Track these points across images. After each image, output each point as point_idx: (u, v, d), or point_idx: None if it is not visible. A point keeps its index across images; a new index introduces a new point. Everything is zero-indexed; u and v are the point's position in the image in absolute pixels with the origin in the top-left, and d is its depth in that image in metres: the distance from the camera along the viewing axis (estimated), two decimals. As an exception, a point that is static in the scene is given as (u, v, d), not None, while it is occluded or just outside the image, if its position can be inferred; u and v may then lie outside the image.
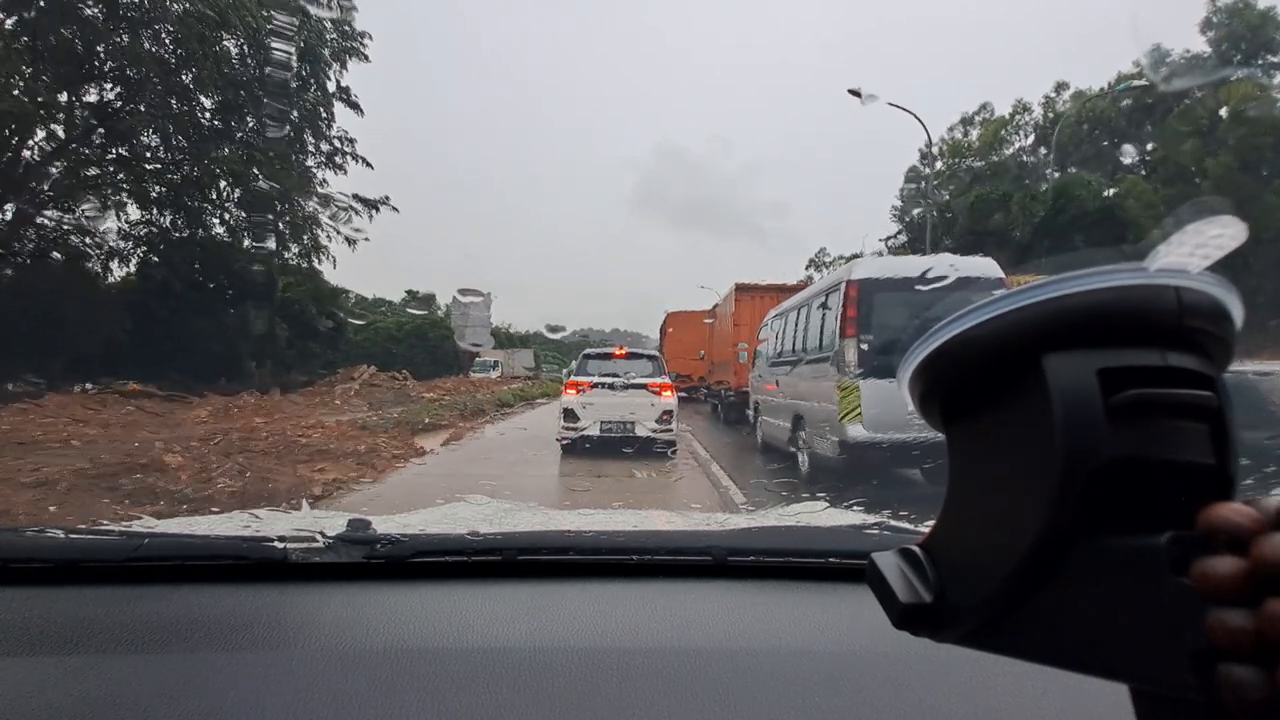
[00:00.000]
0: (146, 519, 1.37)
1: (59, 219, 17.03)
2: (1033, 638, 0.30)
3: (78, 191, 16.44)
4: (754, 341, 10.84)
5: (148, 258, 19.65)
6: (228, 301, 21.38)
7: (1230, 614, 0.24)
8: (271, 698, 0.70)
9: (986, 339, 0.31)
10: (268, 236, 19.30)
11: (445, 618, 0.87)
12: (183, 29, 14.30)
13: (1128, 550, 0.28)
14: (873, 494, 4.96)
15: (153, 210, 18.65)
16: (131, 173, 17.20)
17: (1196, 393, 0.30)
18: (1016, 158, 31.95)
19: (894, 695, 0.74)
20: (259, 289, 22.87)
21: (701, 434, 11.68)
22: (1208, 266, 0.30)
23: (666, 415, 8.64)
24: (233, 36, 15.52)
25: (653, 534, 1.17)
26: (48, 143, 15.85)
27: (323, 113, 19.03)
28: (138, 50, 14.73)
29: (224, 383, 19.57)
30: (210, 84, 15.29)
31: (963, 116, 34.50)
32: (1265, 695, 0.23)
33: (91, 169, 16.64)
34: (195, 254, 19.78)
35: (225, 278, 20.77)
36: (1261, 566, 0.24)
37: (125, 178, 17.18)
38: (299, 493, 5.24)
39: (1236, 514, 0.25)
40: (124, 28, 14.98)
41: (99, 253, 18.16)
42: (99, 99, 16.04)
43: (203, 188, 17.08)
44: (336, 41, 18.55)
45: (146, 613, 0.86)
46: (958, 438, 0.34)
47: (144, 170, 17.20)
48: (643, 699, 0.71)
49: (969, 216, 23.98)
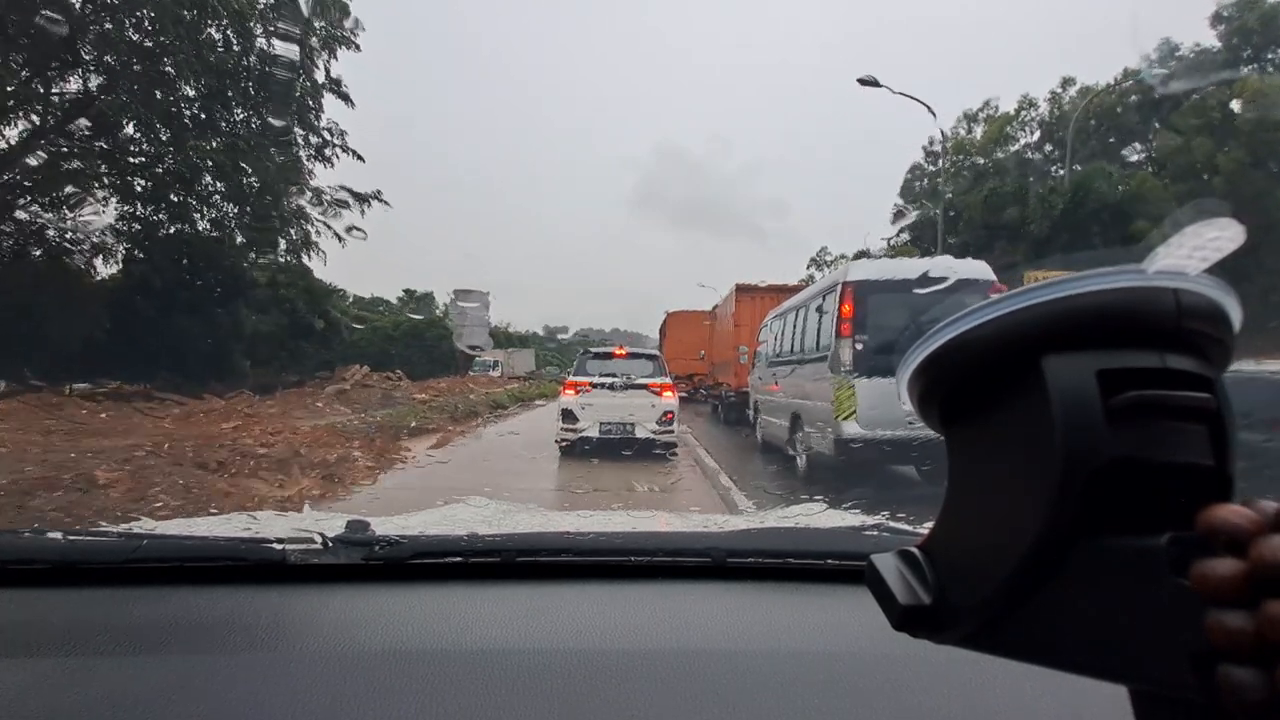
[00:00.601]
0: (145, 520, 1.34)
1: (36, 213, 16.42)
2: (1032, 639, 0.31)
3: (56, 184, 15.79)
4: (754, 342, 10.82)
5: (131, 254, 18.81)
6: (216, 300, 20.64)
7: (1229, 615, 0.24)
8: (270, 699, 0.70)
9: (986, 340, 0.31)
10: (255, 231, 18.62)
11: (444, 619, 0.87)
12: (162, 13, 13.65)
13: (1127, 551, 0.28)
14: (872, 495, 4.88)
15: (136, 204, 17.94)
16: (114, 166, 16.52)
17: (1195, 394, 0.30)
18: (1021, 154, 31.28)
19: (893, 697, 0.74)
20: (248, 287, 22.23)
21: (702, 435, 11.52)
22: (1214, 265, 0.30)
23: (668, 416, 8.45)
24: (215, 22, 14.89)
25: (652, 535, 1.17)
26: (25, 133, 15.22)
27: (311, 103, 18.34)
28: (117, 36, 14.11)
29: (213, 384, 19.04)
30: (191, 71, 14.54)
31: (966, 113, 33.79)
32: (1265, 696, 0.23)
33: (72, 162, 15.97)
34: (182, 250, 19.03)
35: (213, 275, 20.04)
36: (1260, 568, 0.24)
37: (106, 170, 16.46)
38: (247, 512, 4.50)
39: (1235, 515, 0.25)
40: (103, 14, 14.36)
41: (80, 248, 17.49)
42: (79, 88, 15.38)
43: (186, 180, 16.24)
44: (326, 29, 17.90)
45: (145, 614, 0.86)
46: (957, 439, 0.34)
47: (126, 163, 16.49)
48: (642, 700, 0.71)
49: (982, 211, 23.22)
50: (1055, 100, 30.05)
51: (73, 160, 15.82)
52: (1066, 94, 29.53)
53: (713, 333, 16.07)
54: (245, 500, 5.37)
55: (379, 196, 20.13)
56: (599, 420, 8.37)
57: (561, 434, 8.51)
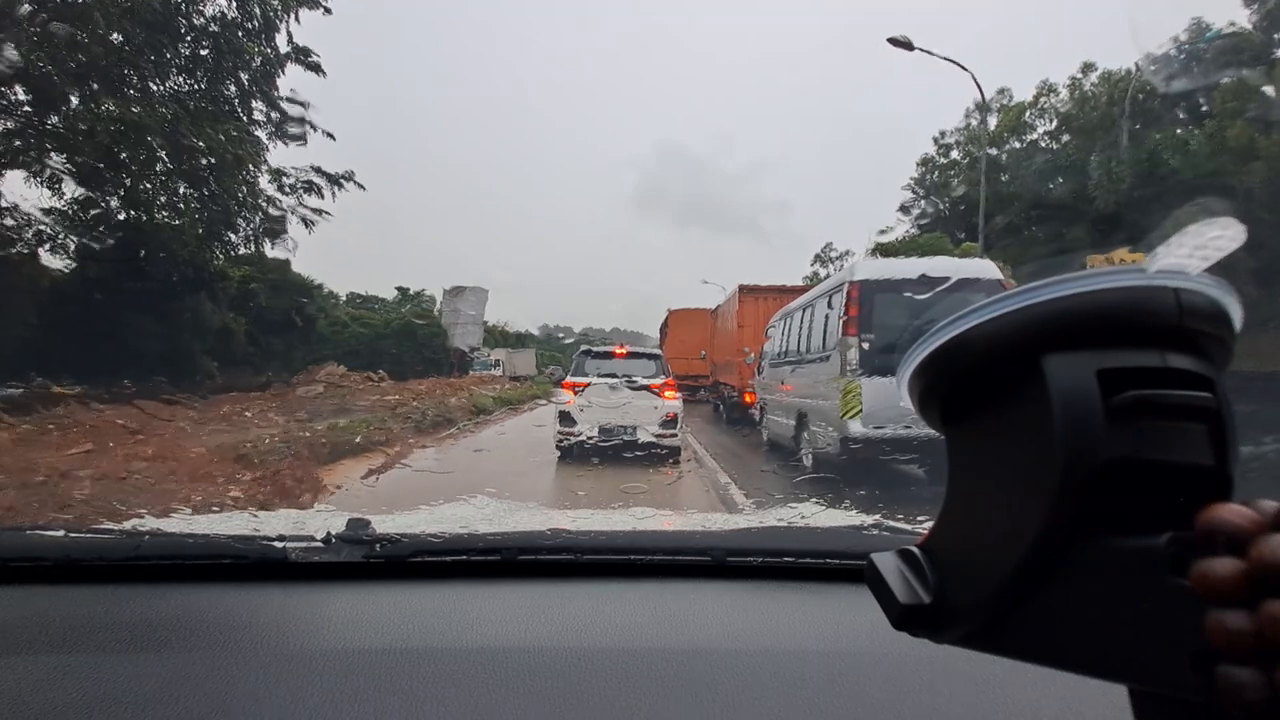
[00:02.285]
0: (146, 518, 1.34)
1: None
2: (1032, 638, 0.31)
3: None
4: (757, 343, 10.65)
5: (67, 241, 16.80)
6: (171, 292, 18.69)
7: (1229, 615, 0.24)
8: (271, 696, 0.70)
9: (986, 339, 0.31)
10: (207, 215, 16.56)
11: (445, 617, 0.87)
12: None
13: (1127, 551, 0.28)
14: (871, 494, 4.90)
15: (75, 184, 15.93)
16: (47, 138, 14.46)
17: (1195, 394, 0.30)
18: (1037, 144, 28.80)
19: (893, 696, 0.74)
20: (213, 279, 20.22)
21: (702, 436, 11.07)
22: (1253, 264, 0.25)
23: (671, 419, 8.06)
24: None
25: (652, 534, 1.17)
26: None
27: (271, 70, 16.39)
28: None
29: (168, 386, 17.18)
30: (110, 17, 12.40)
31: (977, 103, 31.71)
32: (1264, 696, 0.23)
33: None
34: (131, 237, 17.12)
35: (169, 265, 18.02)
36: (1260, 567, 0.24)
37: (34, 141, 14.39)
38: None
39: (1235, 515, 0.25)
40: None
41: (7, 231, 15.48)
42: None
43: (111, 152, 13.87)
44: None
45: (146, 612, 0.86)
46: (957, 438, 0.34)
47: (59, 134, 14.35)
48: (642, 699, 0.72)
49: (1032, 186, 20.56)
50: (1075, 86, 27.70)
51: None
52: (1088, 79, 27.19)
53: (715, 332, 15.68)
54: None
55: (352, 178, 18.10)
56: (598, 423, 7.94)
57: (559, 437, 8.08)
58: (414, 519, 1.24)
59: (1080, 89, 27.22)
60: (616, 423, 7.97)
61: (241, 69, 15.95)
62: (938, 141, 32.60)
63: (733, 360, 12.73)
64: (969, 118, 32.26)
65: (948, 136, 32.13)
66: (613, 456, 7.73)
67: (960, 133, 32.29)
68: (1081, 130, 23.69)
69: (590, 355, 8.88)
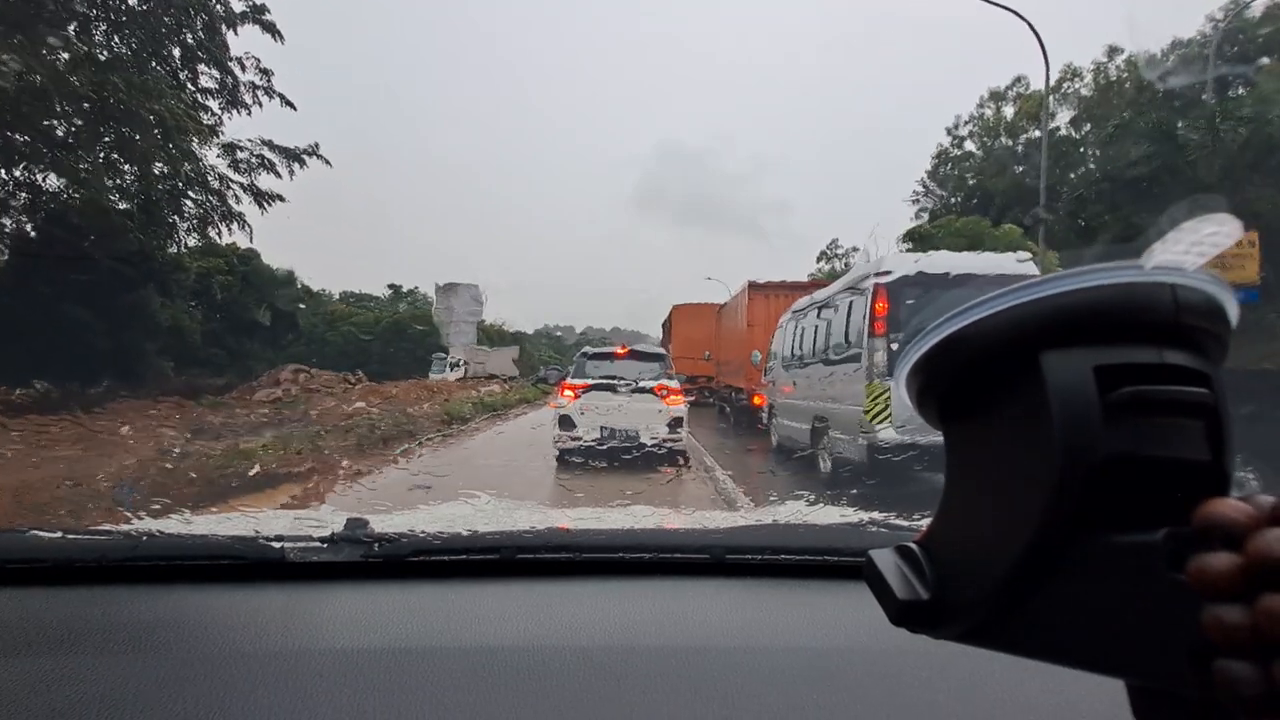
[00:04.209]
0: (144, 519, 1.32)
1: None
2: (1030, 634, 0.31)
3: None
4: (768, 343, 10.32)
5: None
6: (118, 285, 16.71)
7: (1226, 609, 0.24)
8: (270, 697, 0.70)
9: (984, 336, 0.31)
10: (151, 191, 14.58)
11: (444, 616, 0.87)
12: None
13: (1124, 547, 0.28)
14: (870, 491, 4.96)
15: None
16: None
17: (1192, 390, 0.30)
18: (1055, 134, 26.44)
19: (891, 692, 0.74)
20: (166, 270, 18.19)
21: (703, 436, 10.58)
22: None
23: (676, 422, 7.74)
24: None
25: (651, 532, 1.17)
26: None
27: (217, 28, 14.45)
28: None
29: (115, 388, 15.28)
30: None
31: (992, 91, 29.60)
32: (1261, 690, 0.23)
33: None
34: (69, 220, 15.22)
35: (114, 253, 16.08)
36: (1257, 562, 0.24)
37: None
38: None
39: (1232, 510, 0.25)
40: None
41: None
42: None
43: (21, 114, 11.86)
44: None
45: (145, 613, 0.86)
46: (955, 435, 0.34)
47: None
48: (642, 697, 0.72)
49: (1106, 157, 17.66)
50: (1099, 71, 25.61)
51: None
52: (1113, 63, 25.12)
53: (721, 331, 15.17)
54: None
55: (314, 152, 16.26)
56: (600, 427, 7.58)
57: (558, 442, 7.69)
58: (413, 518, 1.22)
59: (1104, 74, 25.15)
60: (619, 427, 7.60)
61: (186, 26, 14.07)
62: (950, 132, 31.25)
63: (742, 362, 12.20)
64: (983, 107, 30.26)
65: (960, 126, 30.76)
66: (614, 457, 7.35)
67: (975, 122, 30.53)
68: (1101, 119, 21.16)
69: (590, 357, 8.58)
